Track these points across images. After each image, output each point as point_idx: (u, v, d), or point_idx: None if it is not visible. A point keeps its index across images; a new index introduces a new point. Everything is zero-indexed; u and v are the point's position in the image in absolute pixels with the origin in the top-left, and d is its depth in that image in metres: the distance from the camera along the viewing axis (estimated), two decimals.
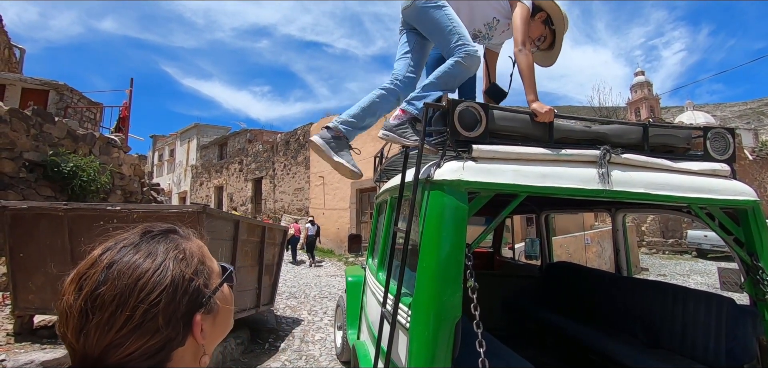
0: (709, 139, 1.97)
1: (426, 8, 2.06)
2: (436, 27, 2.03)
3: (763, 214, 1.88)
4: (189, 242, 0.65)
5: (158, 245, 0.60)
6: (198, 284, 0.60)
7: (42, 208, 4.51)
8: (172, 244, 0.62)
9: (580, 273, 3.25)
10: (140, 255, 0.58)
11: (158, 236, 0.62)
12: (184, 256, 0.61)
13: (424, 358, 1.53)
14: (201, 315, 0.60)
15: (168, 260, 0.59)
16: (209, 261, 0.66)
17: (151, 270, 0.56)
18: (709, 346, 2.03)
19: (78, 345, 0.54)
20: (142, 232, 0.62)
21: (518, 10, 2.10)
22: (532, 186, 1.69)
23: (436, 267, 1.58)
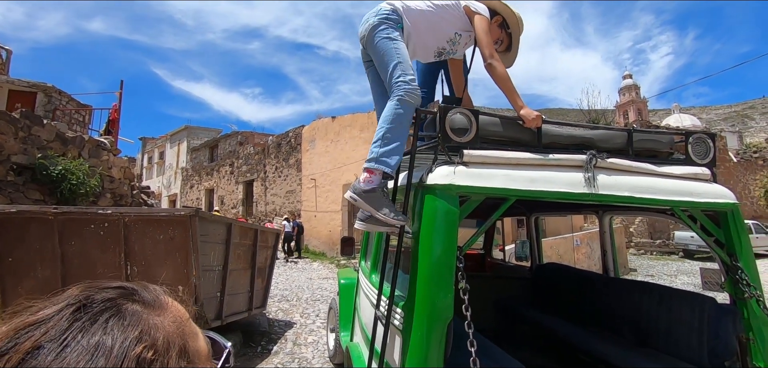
0: (691, 143, 2.04)
1: (377, 35, 2.02)
2: (383, 57, 1.99)
3: (742, 216, 1.95)
4: (160, 316, 0.41)
5: (106, 334, 0.36)
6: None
7: (31, 212, 4.47)
8: (133, 330, 0.37)
9: (568, 275, 3.33)
10: (72, 361, 0.34)
11: (106, 312, 0.38)
12: (155, 352, 0.37)
13: (418, 358, 1.57)
14: None
15: (127, 363, 0.35)
16: (193, 342, 0.43)
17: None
18: (692, 345, 2.10)
19: None
20: (76, 306, 0.38)
21: (478, 22, 2.12)
22: (522, 190, 1.74)
23: (429, 269, 1.62)
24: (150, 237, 4.21)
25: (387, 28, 2.02)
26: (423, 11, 2.15)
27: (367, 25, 2.07)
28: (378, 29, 2.02)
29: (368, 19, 2.09)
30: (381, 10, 2.08)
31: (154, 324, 0.39)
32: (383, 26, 2.02)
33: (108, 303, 0.38)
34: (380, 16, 2.04)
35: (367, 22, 2.08)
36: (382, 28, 2.02)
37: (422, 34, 2.16)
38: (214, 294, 4.71)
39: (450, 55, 2.31)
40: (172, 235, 4.20)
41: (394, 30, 2.03)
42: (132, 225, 4.21)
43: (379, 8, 2.09)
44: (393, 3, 2.12)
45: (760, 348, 1.78)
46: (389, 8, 2.08)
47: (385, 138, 1.82)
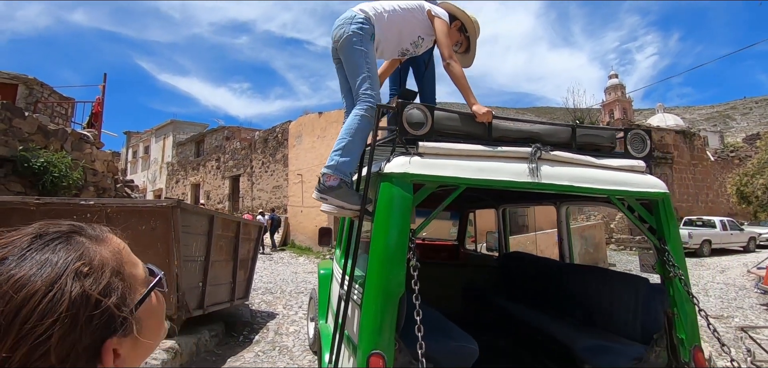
0: (629, 139, 2.25)
1: (352, 45, 2.16)
2: (355, 67, 2.15)
3: (671, 205, 2.16)
4: (100, 246, 0.50)
5: (54, 253, 0.46)
6: (109, 304, 0.46)
7: (13, 203, 4.52)
8: (74, 252, 0.47)
9: (530, 262, 3.54)
10: (26, 268, 0.44)
11: (56, 240, 0.48)
12: (90, 268, 0.47)
13: (372, 329, 1.74)
14: (116, 339, 0.47)
15: (66, 276, 0.44)
16: (130, 268, 0.52)
17: (40, 293, 0.42)
18: (629, 321, 2.32)
19: None
20: (35, 234, 0.48)
21: (438, 25, 2.32)
22: (470, 178, 1.92)
23: (383, 249, 1.79)
24: (132, 227, 4.30)
25: (361, 39, 2.17)
26: (392, 17, 2.30)
27: (342, 32, 2.20)
28: (353, 39, 2.16)
29: (344, 26, 2.20)
30: (355, 17, 2.20)
31: (94, 250, 0.49)
32: (358, 38, 2.16)
33: (59, 234, 0.49)
34: (356, 26, 2.17)
35: (343, 29, 2.20)
36: (357, 39, 2.16)
37: (390, 40, 2.35)
38: (195, 284, 4.82)
39: (413, 55, 2.50)
40: (154, 226, 4.30)
41: (368, 41, 2.19)
42: (114, 215, 4.30)
43: (354, 15, 2.22)
44: (366, 10, 2.25)
45: (683, 322, 1.99)
46: (363, 16, 2.21)
47: (346, 149, 2.04)
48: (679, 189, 20.55)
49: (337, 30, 2.23)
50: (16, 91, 11.10)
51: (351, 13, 2.24)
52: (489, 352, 2.99)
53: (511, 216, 16.18)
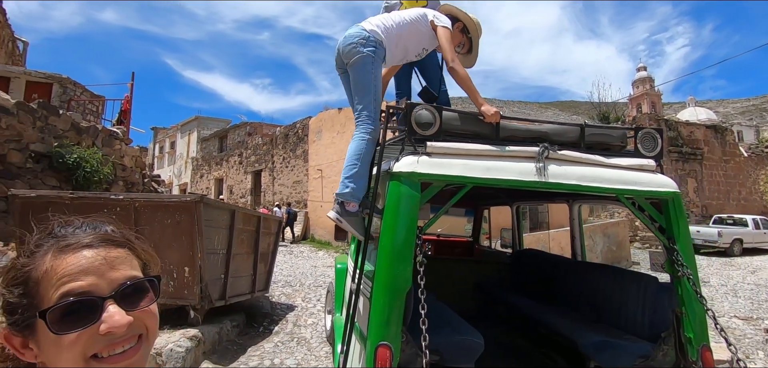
0: (640, 138, 2.25)
1: (364, 65, 2.21)
2: (363, 87, 2.22)
3: (682, 204, 2.16)
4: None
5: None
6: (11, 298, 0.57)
7: (49, 197, 4.81)
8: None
9: (542, 259, 3.56)
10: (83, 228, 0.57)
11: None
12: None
13: (380, 322, 1.82)
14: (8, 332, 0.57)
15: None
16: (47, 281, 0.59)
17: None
18: (637, 319, 2.32)
19: None
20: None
21: (441, 33, 2.36)
22: (477, 177, 1.97)
23: (391, 245, 1.87)
24: (158, 221, 4.51)
25: (374, 62, 2.23)
26: (399, 34, 2.35)
27: (355, 52, 2.22)
28: (366, 62, 2.21)
29: (357, 47, 2.22)
30: (369, 39, 2.24)
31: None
32: (370, 60, 2.22)
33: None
34: (370, 49, 2.22)
35: (356, 49, 2.22)
36: (370, 61, 2.22)
37: (396, 55, 2.43)
38: (218, 276, 5.01)
39: (417, 60, 2.58)
40: (179, 220, 4.49)
41: (379, 64, 2.26)
42: (142, 209, 4.51)
43: (367, 37, 2.24)
44: (378, 32, 2.27)
45: (690, 321, 2.00)
46: (376, 39, 2.25)
47: (357, 175, 2.15)
48: (709, 186, 19.84)
49: (349, 48, 2.26)
50: (51, 89, 11.65)
51: (363, 32, 2.27)
52: (497, 347, 3.04)
53: (531, 213, 16.04)
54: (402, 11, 2.48)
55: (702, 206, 19.33)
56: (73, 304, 0.57)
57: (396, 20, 2.39)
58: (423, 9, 2.49)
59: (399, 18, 2.40)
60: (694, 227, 17.01)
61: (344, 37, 2.31)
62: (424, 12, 2.45)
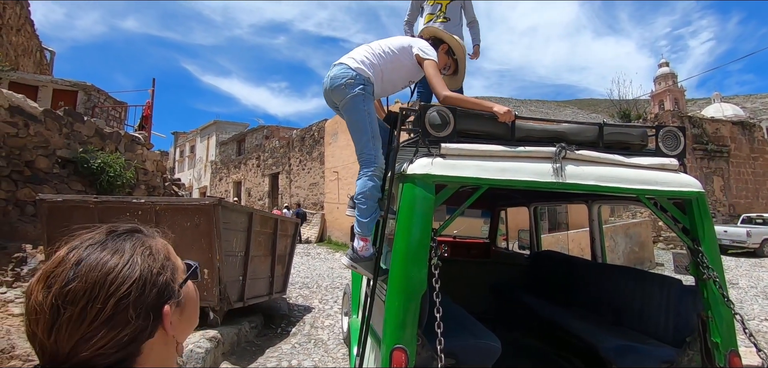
0: (661, 136, 2.18)
1: (355, 105, 2.18)
2: (359, 127, 2.19)
3: (707, 204, 2.08)
4: (154, 240, 0.67)
5: (124, 243, 0.62)
6: (165, 278, 0.63)
7: (75, 201, 4.96)
8: (138, 242, 0.64)
9: (560, 260, 3.49)
10: (107, 252, 0.60)
11: (124, 234, 0.64)
12: (150, 252, 0.63)
13: (395, 324, 1.82)
14: (170, 306, 0.62)
15: (136, 255, 0.61)
16: (174, 258, 0.68)
17: (119, 265, 0.58)
18: (660, 322, 2.25)
19: (49, 342, 0.55)
20: (108, 231, 0.64)
21: (428, 66, 2.31)
22: (492, 179, 1.95)
23: (406, 248, 1.86)
24: (178, 224, 4.61)
25: (364, 99, 2.19)
26: (385, 69, 2.31)
27: (344, 94, 2.19)
28: (357, 101, 2.19)
29: (346, 88, 2.18)
30: (357, 78, 2.19)
31: (150, 242, 0.66)
32: (361, 99, 2.18)
33: (125, 230, 0.66)
34: (359, 87, 2.18)
35: (345, 91, 2.19)
36: (360, 100, 2.18)
37: (385, 89, 2.41)
38: (236, 277, 5.08)
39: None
40: (198, 222, 4.58)
41: (370, 100, 2.22)
42: (162, 212, 4.61)
43: (355, 75, 2.19)
44: (364, 69, 2.22)
45: (717, 325, 1.93)
46: (363, 77, 2.21)
47: (365, 212, 2.15)
48: (737, 184, 19.17)
49: (338, 91, 2.22)
50: (77, 97, 12.03)
51: (349, 71, 2.22)
52: (514, 350, 2.99)
53: (549, 214, 15.78)
54: (387, 41, 2.41)
55: (729, 205, 18.69)
56: (195, 268, 0.71)
57: (381, 53, 2.33)
58: (407, 40, 2.43)
59: (384, 50, 2.34)
60: (721, 227, 16.46)
61: (331, 78, 2.25)
62: (409, 43, 2.39)
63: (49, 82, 12.10)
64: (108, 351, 0.56)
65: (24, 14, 11.33)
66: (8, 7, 9.56)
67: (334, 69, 2.26)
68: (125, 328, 0.56)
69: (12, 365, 2.96)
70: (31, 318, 0.56)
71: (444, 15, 3.39)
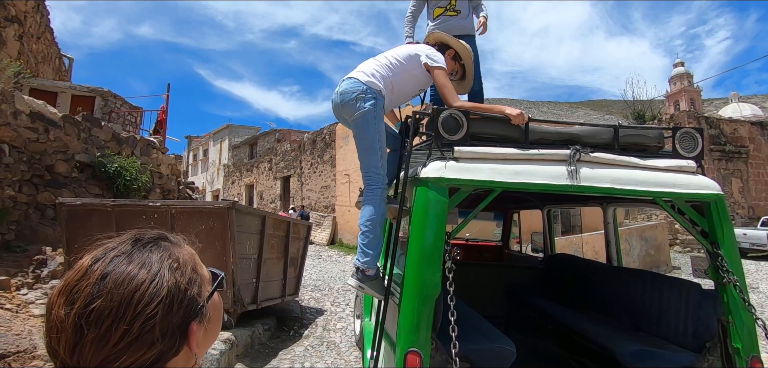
0: (678, 138, 2.15)
1: (367, 121, 2.14)
2: (369, 144, 2.16)
3: (726, 207, 2.05)
4: (181, 249, 0.64)
5: (151, 254, 0.59)
6: (192, 293, 0.59)
7: (93, 204, 5.06)
8: (166, 253, 0.60)
9: (575, 264, 3.45)
10: (134, 265, 0.56)
11: (150, 244, 0.61)
12: (178, 265, 0.60)
13: (410, 328, 1.82)
14: (196, 323, 0.59)
15: (163, 270, 0.57)
16: (200, 269, 0.65)
17: (147, 282, 0.55)
18: (679, 327, 2.21)
19: (72, 361, 0.52)
20: (133, 240, 0.61)
21: (438, 75, 2.28)
22: (506, 182, 1.94)
23: (420, 251, 1.86)
24: (193, 226, 4.67)
25: (376, 116, 2.15)
26: (395, 81, 2.27)
27: (356, 108, 2.14)
28: (368, 117, 2.14)
29: (357, 102, 2.13)
30: (368, 92, 2.14)
31: (177, 252, 0.62)
32: (372, 115, 2.14)
33: (151, 239, 0.63)
34: (370, 103, 2.13)
35: (356, 105, 2.14)
36: (372, 116, 2.14)
37: (394, 101, 2.37)
38: (250, 280, 5.13)
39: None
40: (212, 225, 4.64)
41: (381, 116, 2.19)
42: (178, 215, 4.68)
43: (366, 89, 2.15)
44: (376, 83, 2.18)
45: (738, 330, 1.89)
46: (375, 90, 2.16)
47: (371, 243, 2.13)
48: (756, 186, 18.71)
49: (349, 105, 2.18)
50: (94, 102, 12.30)
51: (360, 85, 2.17)
52: (529, 354, 2.97)
53: (563, 216, 15.59)
54: (394, 52, 2.37)
55: (748, 207, 18.25)
56: (222, 279, 0.68)
57: (389, 65, 2.29)
58: (414, 48, 2.39)
59: (392, 62, 2.31)
60: (740, 230, 16.06)
61: (340, 94, 2.21)
62: (417, 52, 2.36)
63: (67, 88, 12.39)
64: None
65: (44, 22, 11.62)
66: (29, 16, 9.83)
67: (343, 84, 2.22)
68: (151, 349, 0.53)
69: (34, 365, 3.03)
70: (52, 336, 0.53)
71: (453, 8, 3.27)
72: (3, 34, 8.48)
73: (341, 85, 2.23)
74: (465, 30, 3.23)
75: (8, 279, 5.04)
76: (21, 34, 9.20)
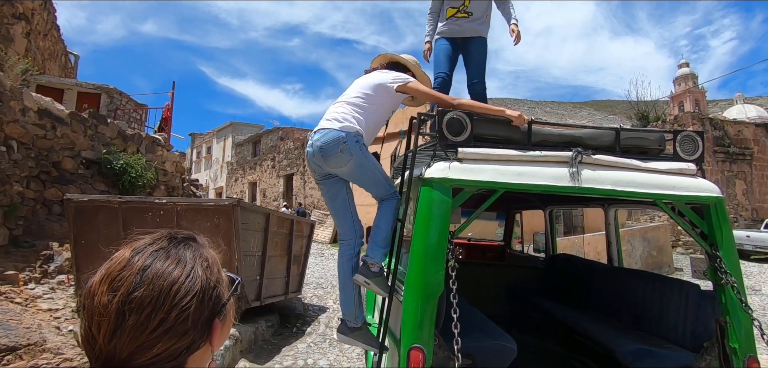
0: (679, 141, 2.18)
1: (361, 164, 2.16)
2: (371, 178, 2.21)
3: (725, 209, 2.08)
4: (208, 251, 0.69)
5: (185, 251, 0.64)
6: (219, 292, 0.64)
7: (100, 201, 5.12)
8: (197, 252, 0.65)
9: (576, 264, 3.48)
10: (171, 261, 0.61)
11: (183, 243, 0.66)
12: (208, 265, 0.65)
13: (413, 325, 1.86)
14: (219, 319, 0.64)
15: (197, 267, 0.62)
16: (222, 271, 0.70)
17: (183, 276, 0.60)
18: (678, 327, 2.25)
19: (109, 346, 0.55)
20: (169, 237, 0.66)
21: (414, 89, 2.29)
22: (509, 183, 1.98)
23: (424, 250, 1.90)
24: (198, 224, 4.73)
25: (363, 152, 2.16)
26: (370, 113, 2.25)
27: (342, 159, 2.13)
28: (360, 161, 2.15)
29: (343, 154, 2.12)
30: (349, 139, 2.12)
31: (206, 253, 0.67)
32: (358, 151, 2.14)
33: (184, 238, 0.67)
34: (355, 147, 2.13)
35: (342, 156, 2.13)
36: (359, 154, 2.14)
37: (371, 135, 2.31)
38: (254, 277, 5.19)
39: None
40: (217, 223, 4.69)
41: (365, 149, 2.19)
42: (183, 213, 4.74)
43: (343, 138, 2.12)
44: (351, 125, 2.16)
45: (735, 331, 1.92)
46: (353, 133, 2.15)
47: (382, 241, 2.20)
48: (760, 188, 18.65)
49: (333, 158, 2.15)
50: (100, 99, 12.39)
51: (339, 134, 2.12)
52: (530, 352, 3.00)
53: (564, 216, 15.60)
54: (358, 87, 2.33)
55: (752, 209, 18.20)
56: (238, 283, 0.72)
57: (359, 102, 2.25)
58: (376, 77, 2.34)
59: (361, 96, 2.26)
60: (743, 232, 16.01)
61: (320, 148, 2.15)
62: (381, 81, 2.31)
63: (73, 85, 12.49)
64: (162, 359, 0.57)
65: (51, 20, 11.72)
66: (36, 13, 9.92)
67: (319, 137, 2.17)
68: (182, 339, 0.58)
69: (44, 357, 3.10)
70: (92, 320, 0.56)
71: (466, 10, 3.23)
72: (11, 31, 8.56)
73: (317, 139, 2.18)
74: (476, 32, 3.21)
75: (16, 274, 5.11)
76: (28, 31, 9.28)
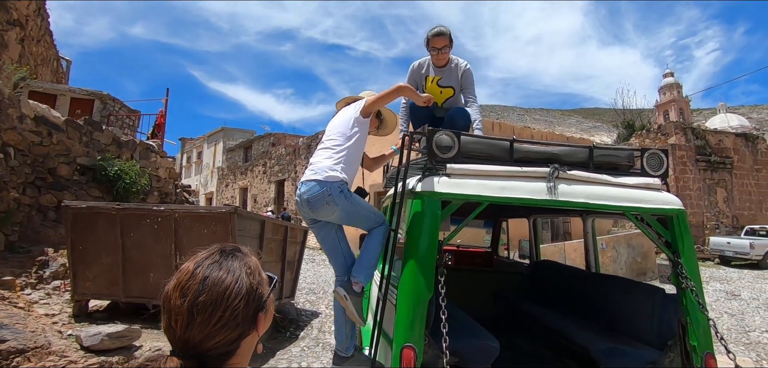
0: (646, 158, 2.41)
1: (348, 209, 2.31)
2: (357, 213, 2.37)
3: (686, 220, 2.30)
4: (251, 259, 0.85)
5: (234, 262, 0.80)
6: (261, 291, 0.82)
7: (99, 208, 5.22)
8: (242, 261, 0.82)
9: (558, 270, 3.71)
10: (223, 271, 0.78)
11: (231, 254, 0.82)
12: (251, 271, 0.81)
13: (405, 326, 2.05)
14: (262, 314, 0.81)
15: (243, 274, 0.79)
16: (263, 273, 0.86)
17: (233, 282, 0.77)
18: (646, 327, 2.47)
19: (184, 336, 0.74)
20: (220, 251, 0.82)
21: (369, 107, 2.49)
22: (493, 196, 2.18)
23: (415, 258, 2.09)
24: (195, 230, 4.86)
25: (347, 197, 2.31)
26: (350, 150, 2.42)
27: (326, 206, 2.28)
28: (341, 205, 2.29)
29: (331, 203, 2.27)
30: (333, 184, 2.27)
31: (249, 261, 0.84)
32: (343, 197, 2.28)
33: (231, 250, 0.84)
34: (342, 195, 2.29)
35: (324, 205, 2.27)
36: (343, 199, 2.29)
37: (355, 166, 2.51)
38: None
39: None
40: (214, 229, 4.83)
41: (349, 193, 2.36)
42: (180, 220, 4.87)
43: (328, 191, 2.26)
44: (334, 175, 2.30)
45: (695, 330, 2.14)
46: (337, 182, 2.29)
47: (372, 265, 2.40)
48: (740, 196, 19.23)
49: (323, 209, 2.30)
50: (93, 105, 12.41)
51: (321, 187, 2.26)
52: (514, 352, 3.20)
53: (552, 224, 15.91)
54: (336, 126, 2.53)
55: (732, 216, 18.75)
56: (276, 282, 0.90)
57: (340, 142, 2.42)
58: (349, 112, 2.54)
59: (340, 135, 2.45)
60: (724, 238, 16.50)
61: (308, 202, 2.31)
62: (351, 114, 2.51)
63: (67, 91, 12.48)
64: (221, 345, 0.76)
65: (44, 25, 11.73)
66: (30, 19, 9.95)
67: (306, 191, 2.32)
68: (235, 330, 0.76)
69: (50, 360, 3.21)
70: (171, 317, 0.75)
71: (442, 106, 3.33)
72: (5, 37, 8.60)
73: (304, 192, 2.33)
74: (455, 103, 3.32)
75: (13, 280, 5.18)
76: (22, 37, 9.32)
